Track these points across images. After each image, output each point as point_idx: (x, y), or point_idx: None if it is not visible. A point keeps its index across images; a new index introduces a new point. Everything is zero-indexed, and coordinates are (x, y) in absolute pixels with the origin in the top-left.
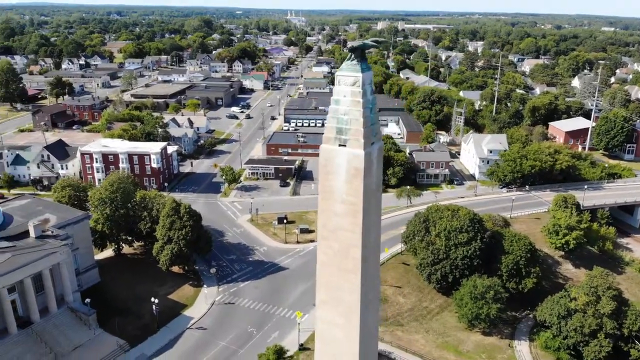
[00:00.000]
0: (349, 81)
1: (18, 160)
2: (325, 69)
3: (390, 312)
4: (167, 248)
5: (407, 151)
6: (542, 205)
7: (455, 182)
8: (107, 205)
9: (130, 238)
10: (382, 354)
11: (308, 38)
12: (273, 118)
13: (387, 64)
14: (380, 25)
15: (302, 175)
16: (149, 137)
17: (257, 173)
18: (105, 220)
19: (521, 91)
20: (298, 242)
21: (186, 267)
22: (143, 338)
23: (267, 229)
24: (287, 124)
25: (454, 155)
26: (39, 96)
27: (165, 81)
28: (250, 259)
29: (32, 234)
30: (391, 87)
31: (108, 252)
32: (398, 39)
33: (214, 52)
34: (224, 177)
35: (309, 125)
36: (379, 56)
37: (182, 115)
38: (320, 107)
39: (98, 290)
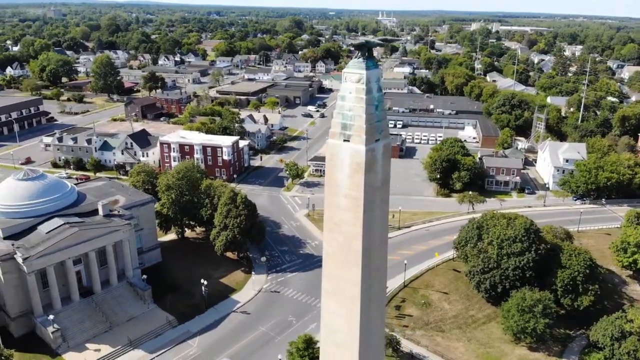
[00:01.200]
0: (354, 78)
1: (105, 146)
2: (407, 69)
3: (433, 317)
4: (223, 234)
5: (478, 156)
6: (616, 221)
7: (527, 191)
8: (173, 191)
9: (193, 223)
10: (415, 357)
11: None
12: None
13: (474, 65)
14: (473, 26)
15: None
16: (226, 131)
17: (320, 170)
18: (171, 205)
19: (613, 99)
20: None
21: (240, 254)
22: (191, 316)
23: (321, 225)
24: None
25: (530, 163)
26: (135, 89)
27: (249, 79)
28: (301, 252)
29: (100, 212)
30: (472, 90)
31: (172, 235)
32: (490, 40)
33: (300, 52)
34: (287, 172)
35: None
36: (466, 57)
37: (259, 112)
38: (394, 108)
39: (158, 269)
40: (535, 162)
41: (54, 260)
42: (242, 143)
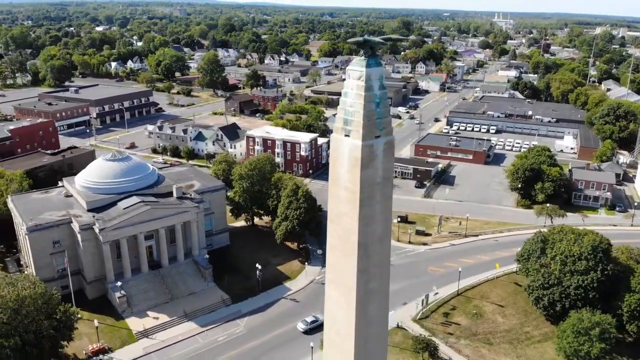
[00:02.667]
0: (355, 75)
1: (199, 137)
2: (512, 73)
3: (482, 328)
4: (283, 224)
5: (569, 167)
6: None
7: (617, 209)
8: (245, 181)
9: (261, 212)
10: None
11: (509, 41)
12: (437, 120)
13: (588, 72)
14: (598, 30)
15: (443, 179)
16: (310, 128)
17: (395, 171)
18: (242, 194)
19: None
20: (410, 243)
21: (299, 245)
22: (244, 297)
23: None
24: (448, 127)
25: (630, 179)
26: (238, 86)
27: (344, 79)
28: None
29: (174, 194)
30: (577, 97)
31: (242, 222)
32: (613, 46)
33: (402, 53)
34: None
35: (472, 130)
36: (580, 63)
37: None
38: (489, 112)
39: (224, 251)
40: (635, 179)
41: (127, 233)
42: (322, 140)
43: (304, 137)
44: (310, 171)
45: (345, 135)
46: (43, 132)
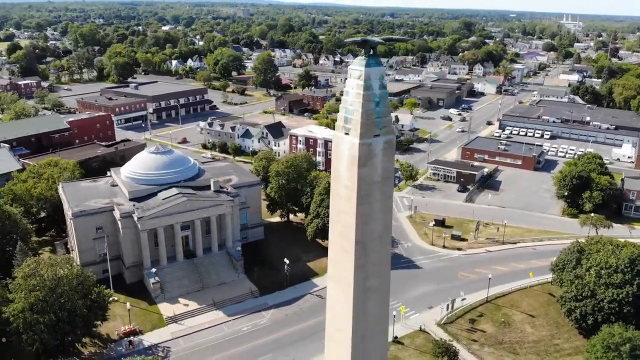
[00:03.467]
0: (355, 74)
1: (246, 134)
2: (574, 77)
3: (509, 337)
4: (315, 222)
5: (622, 176)
6: None
7: None
8: (281, 178)
9: (296, 208)
10: None
11: (576, 44)
12: (489, 123)
13: None
14: None
15: (488, 183)
16: None
17: (438, 174)
18: (278, 190)
19: None
20: (444, 247)
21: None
22: (272, 290)
23: (420, 228)
24: (500, 131)
25: None
26: (290, 85)
27: (397, 80)
28: (390, 251)
29: (212, 187)
30: None
31: (278, 218)
32: None
33: (460, 54)
34: (401, 173)
35: (525, 135)
36: None
37: (395, 112)
38: (544, 117)
39: (258, 245)
40: None
41: (164, 222)
42: None
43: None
44: None
45: (345, 134)
46: (100, 124)
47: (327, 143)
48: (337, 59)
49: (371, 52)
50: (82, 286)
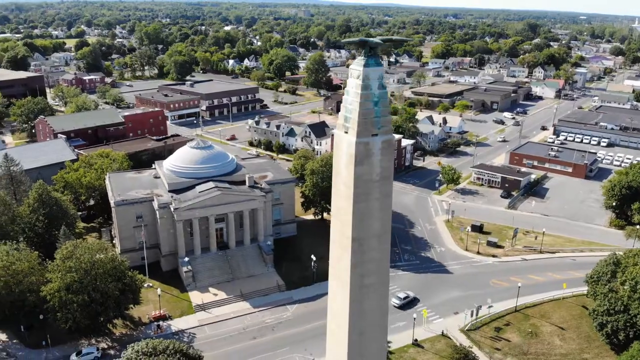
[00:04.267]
0: (355, 74)
1: (291, 133)
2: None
3: (535, 348)
4: None
5: None
6: None
7: None
8: (315, 176)
9: (329, 207)
10: None
11: None
12: (543, 128)
13: None
14: None
15: (534, 190)
16: (398, 129)
17: (482, 179)
18: (312, 188)
19: None
20: (478, 253)
21: None
22: (298, 286)
23: (456, 233)
24: (554, 136)
25: None
26: (342, 85)
27: (452, 81)
28: (422, 254)
29: (247, 183)
30: None
31: (311, 216)
32: None
33: (520, 56)
34: (443, 176)
35: (580, 141)
36: None
37: (446, 114)
38: (602, 124)
39: (290, 241)
40: None
41: (198, 214)
42: (406, 142)
43: None
44: None
45: (345, 132)
46: (153, 119)
47: None
48: (391, 59)
49: (370, 53)
50: (115, 270)
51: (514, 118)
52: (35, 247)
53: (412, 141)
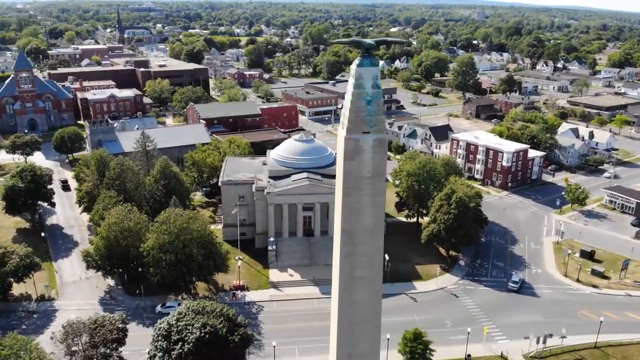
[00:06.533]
0: (352, 73)
1: (413, 134)
2: None
3: None
4: (431, 226)
5: None
6: None
7: None
8: (411, 178)
9: (423, 210)
10: None
11: None
12: None
13: None
14: None
15: None
16: (533, 140)
17: (615, 202)
18: (406, 189)
19: None
20: (578, 281)
21: (448, 251)
22: None
23: (561, 256)
24: None
25: None
26: (492, 90)
27: (618, 94)
28: (513, 273)
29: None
30: None
31: (404, 218)
32: None
33: None
34: (566, 194)
35: None
36: None
37: (587, 127)
38: None
39: None
40: None
41: (288, 201)
42: (534, 154)
43: (508, 147)
44: (510, 184)
45: (342, 128)
46: (286, 113)
47: (488, 151)
48: (559, 65)
49: (366, 53)
50: (202, 239)
51: None
52: (153, 212)
53: (541, 153)
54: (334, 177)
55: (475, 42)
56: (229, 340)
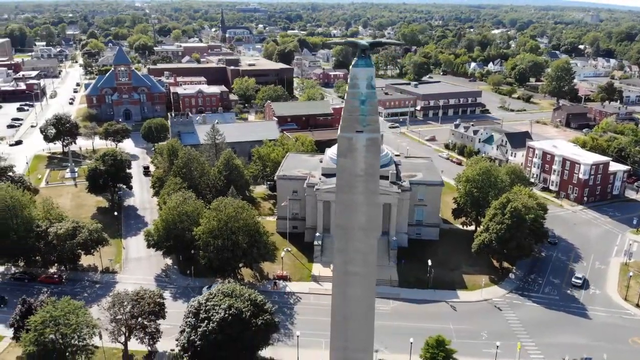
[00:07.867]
0: (349, 74)
1: (489, 140)
2: None
3: None
4: (483, 235)
5: None
6: None
7: None
8: (470, 184)
9: (481, 219)
10: None
11: None
12: None
13: None
14: None
15: None
16: (620, 152)
17: None
18: (464, 195)
19: None
20: (637, 306)
21: (501, 263)
22: (412, 286)
23: (625, 278)
24: None
25: None
26: (590, 97)
27: None
28: (567, 292)
29: (389, 178)
30: None
31: (459, 225)
32: None
33: None
34: None
35: None
36: None
37: None
38: None
39: (427, 244)
40: None
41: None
42: (616, 167)
43: (586, 158)
44: (587, 198)
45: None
46: None
47: (564, 162)
48: None
49: (362, 54)
50: (248, 228)
51: None
52: (213, 199)
53: (626, 167)
54: (386, 177)
55: (581, 46)
56: (251, 324)
